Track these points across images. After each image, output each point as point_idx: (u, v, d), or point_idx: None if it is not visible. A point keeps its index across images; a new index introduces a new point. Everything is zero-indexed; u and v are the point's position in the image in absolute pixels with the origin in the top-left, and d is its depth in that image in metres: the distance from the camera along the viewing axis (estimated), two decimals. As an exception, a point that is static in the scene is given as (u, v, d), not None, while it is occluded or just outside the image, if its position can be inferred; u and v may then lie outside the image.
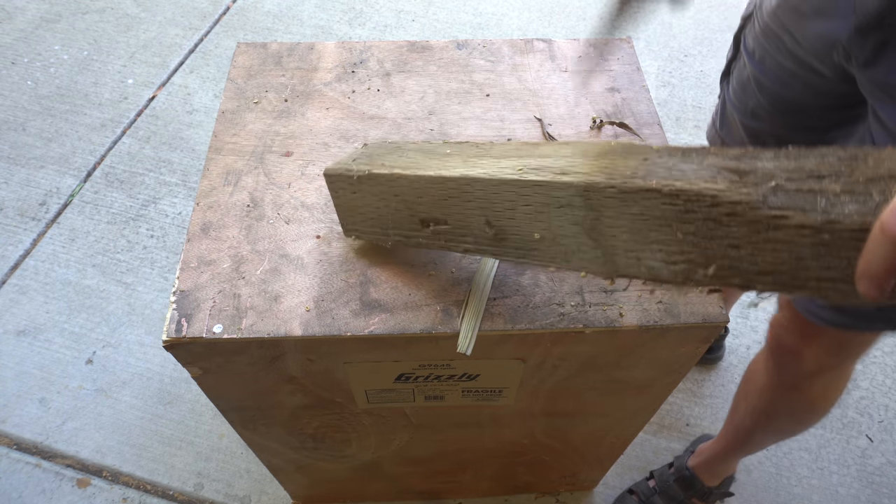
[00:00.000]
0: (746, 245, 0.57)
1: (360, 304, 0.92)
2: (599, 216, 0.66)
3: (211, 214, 1.01)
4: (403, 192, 0.83)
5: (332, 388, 1.07)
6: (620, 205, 0.64)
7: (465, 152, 0.85)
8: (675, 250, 0.62)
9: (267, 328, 0.89)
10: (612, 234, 0.66)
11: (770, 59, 1.16)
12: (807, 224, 0.52)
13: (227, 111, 1.15)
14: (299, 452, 1.35)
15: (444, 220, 0.82)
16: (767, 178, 0.56)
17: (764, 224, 0.55)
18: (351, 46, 1.27)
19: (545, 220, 0.72)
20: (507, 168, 0.74)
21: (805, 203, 0.53)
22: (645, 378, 1.10)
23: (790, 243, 0.54)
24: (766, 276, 0.58)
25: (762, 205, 0.54)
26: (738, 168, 0.58)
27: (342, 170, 0.88)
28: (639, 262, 0.66)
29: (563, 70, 1.24)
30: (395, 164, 0.85)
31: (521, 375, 1.05)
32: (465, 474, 1.62)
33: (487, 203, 0.76)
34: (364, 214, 0.91)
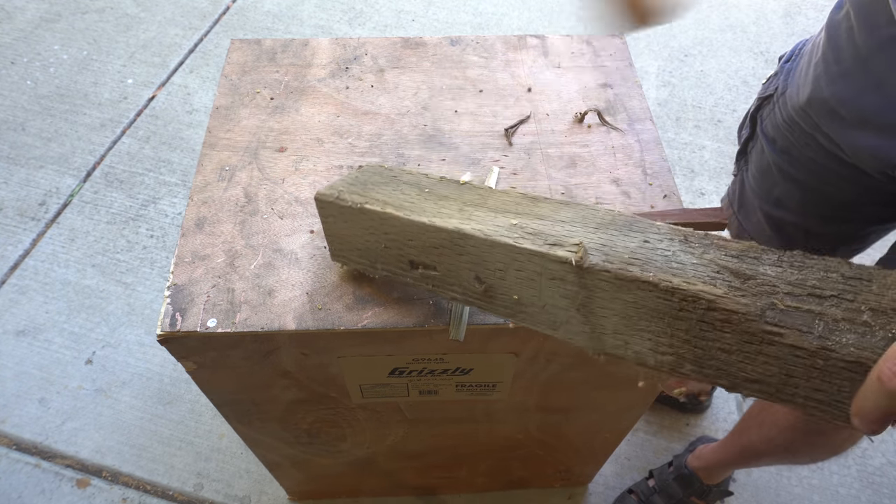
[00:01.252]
0: (738, 352, 0.57)
1: (354, 298, 0.93)
2: (591, 295, 0.66)
3: (205, 210, 1.02)
4: (394, 232, 0.82)
5: (326, 383, 1.08)
6: (614, 290, 0.63)
7: (461, 197, 0.83)
8: (665, 342, 0.62)
9: (261, 322, 0.91)
10: (602, 314, 0.66)
11: (798, 153, 1.10)
12: (802, 346, 0.53)
13: (221, 107, 1.17)
14: (294, 447, 1.36)
15: (433, 267, 0.81)
16: (768, 290, 0.56)
17: (758, 337, 0.55)
18: (345, 43, 1.28)
19: (536, 287, 0.71)
20: (503, 227, 0.73)
21: (803, 324, 0.53)
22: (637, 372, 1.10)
23: (782, 360, 0.54)
24: (753, 383, 0.58)
25: (759, 318, 0.55)
26: (739, 271, 0.58)
27: (334, 197, 0.86)
28: (626, 346, 0.66)
29: (556, 66, 1.25)
30: (388, 199, 0.83)
31: (514, 369, 1.06)
32: (460, 469, 1.63)
33: (479, 260, 0.75)
34: (353, 244, 0.89)
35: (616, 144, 1.13)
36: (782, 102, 1.11)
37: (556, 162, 1.10)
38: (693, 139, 2.78)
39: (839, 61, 0.96)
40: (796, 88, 1.07)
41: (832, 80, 0.97)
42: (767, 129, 1.16)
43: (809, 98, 1.02)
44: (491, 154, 1.11)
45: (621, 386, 1.16)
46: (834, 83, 0.97)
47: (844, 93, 0.95)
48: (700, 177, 2.64)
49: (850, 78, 0.95)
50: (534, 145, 1.12)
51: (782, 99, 1.11)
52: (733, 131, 2.79)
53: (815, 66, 1.01)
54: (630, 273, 0.61)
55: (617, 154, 1.11)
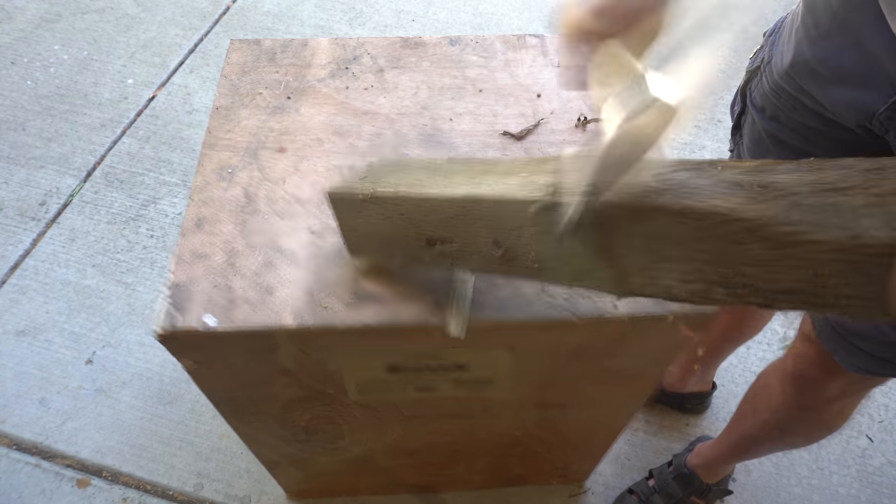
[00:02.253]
0: (765, 263, 0.55)
1: (353, 296, 0.94)
2: (611, 235, 0.65)
3: (205, 209, 1.04)
4: (408, 212, 0.82)
5: (324, 380, 1.09)
6: (631, 224, 0.62)
7: (470, 169, 0.83)
8: (691, 269, 0.61)
9: (260, 320, 0.92)
10: (625, 252, 0.65)
11: (786, 117, 1.13)
12: (827, 240, 0.51)
13: (221, 107, 1.18)
14: (292, 445, 1.38)
15: (450, 240, 0.81)
16: (786, 193, 0.54)
17: (782, 240, 0.53)
18: (344, 43, 1.29)
19: (556, 239, 0.70)
20: (514, 185, 0.72)
21: (825, 218, 0.51)
22: (634, 368, 1.12)
23: (811, 260, 0.53)
24: (786, 294, 0.56)
25: (781, 221, 0.53)
26: (755, 182, 0.57)
27: (346, 191, 0.87)
28: (653, 282, 0.65)
29: (556, 65, 1.26)
30: (399, 182, 0.84)
31: (510, 365, 1.07)
32: (457, 467, 1.64)
33: (495, 223, 0.74)
34: (369, 235, 0.91)
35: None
36: (768, 71, 1.14)
37: (555, 161, 1.11)
38: (693, 139, 2.79)
39: (818, 25, 1.00)
40: (780, 56, 1.10)
41: (813, 43, 1.01)
42: (756, 99, 1.19)
43: (792, 61, 1.05)
44: (491, 153, 1.12)
45: (617, 382, 1.17)
46: (814, 45, 1.01)
47: (825, 53, 0.99)
48: (700, 177, 2.64)
49: (830, 39, 0.98)
50: (533, 144, 1.14)
51: (768, 68, 1.14)
52: (733, 131, 2.80)
53: (796, 32, 1.05)
54: (644, 202, 0.60)
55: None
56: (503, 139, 1.14)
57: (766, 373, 1.46)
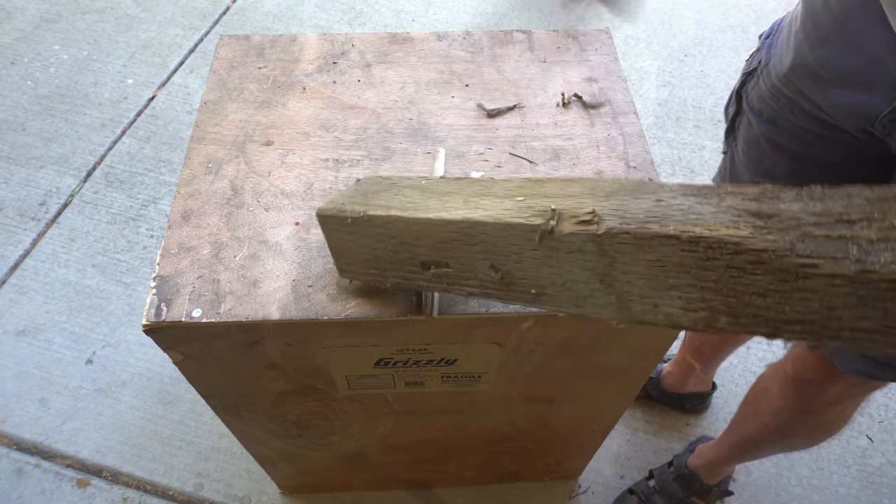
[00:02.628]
0: (773, 293, 0.55)
1: (338, 288, 0.95)
2: (613, 262, 0.64)
3: (192, 202, 1.05)
4: (402, 235, 0.81)
5: (312, 374, 1.10)
6: (635, 251, 0.61)
7: (464, 190, 0.82)
8: (696, 297, 0.60)
9: (245, 312, 0.93)
10: (626, 280, 0.64)
11: (783, 120, 1.12)
12: (839, 274, 0.51)
13: (209, 102, 1.19)
14: (284, 440, 1.38)
15: (445, 263, 0.80)
16: (794, 224, 0.54)
17: (792, 273, 0.53)
18: (332, 38, 1.30)
19: (555, 265, 0.69)
20: (511, 210, 0.71)
21: (836, 251, 0.51)
22: (621, 363, 1.12)
23: (821, 293, 0.52)
24: (794, 325, 0.56)
25: (790, 253, 0.53)
26: (760, 211, 0.56)
27: (335, 211, 0.86)
28: (656, 309, 0.64)
29: (542, 60, 1.27)
30: (391, 204, 0.82)
31: (498, 360, 1.08)
32: (450, 463, 1.64)
33: (492, 247, 0.73)
34: (360, 256, 0.89)
35: (600, 137, 1.15)
36: (766, 74, 1.13)
37: (540, 155, 1.12)
38: (693, 139, 2.79)
39: (818, 28, 0.99)
40: (779, 58, 1.09)
41: (813, 46, 1.00)
42: (753, 101, 1.18)
43: (792, 64, 1.05)
44: (476, 147, 1.12)
45: (606, 377, 1.18)
46: (815, 48, 1.00)
47: (826, 55, 0.98)
48: (700, 177, 2.66)
49: (830, 42, 0.98)
50: (518, 138, 1.14)
51: (766, 70, 1.14)
52: (733, 130, 2.81)
53: (796, 35, 1.04)
54: (649, 230, 0.59)
55: (600, 147, 1.13)
56: (487, 133, 1.15)
57: (766, 376, 1.46)
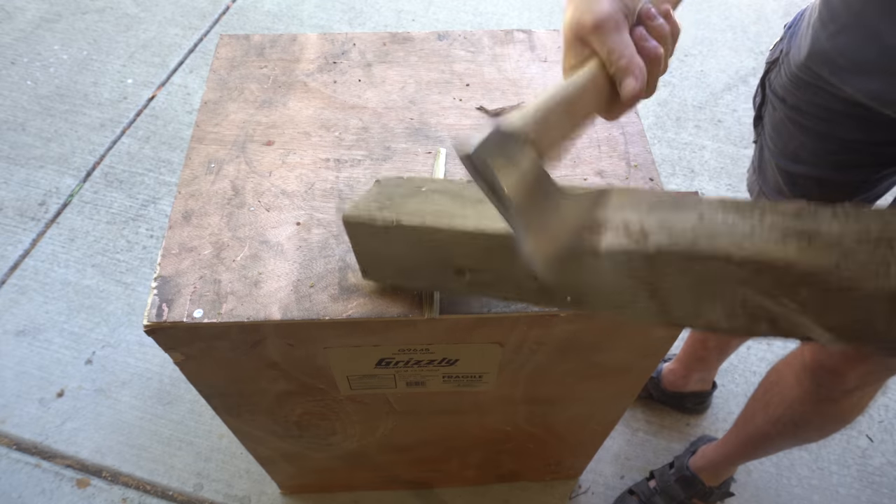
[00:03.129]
0: (814, 304, 0.58)
1: (339, 288, 0.95)
2: (660, 275, 0.65)
3: (193, 202, 1.05)
4: (437, 243, 0.81)
5: (314, 375, 1.10)
6: (684, 266, 0.63)
7: None
8: (738, 307, 0.63)
9: (247, 312, 0.93)
10: (671, 289, 0.66)
11: (807, 104, 1.15)
12: (880, 290, 0.54)
13: (209, 101, 1.19)
14: (285, 441, 1.39)
15: (482, 271, 0.81)
16: (835, 243, 0.57)
17: (835, 288, 0.56)
18: (333, 38, 1.31)
19: (598, 272, 0.69)
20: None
21: (877, 269, 0.55)
22: (623, 362, 1.13)
23: (861, 308, 0.56)
24: (830, 331, 0.59)
25: (835, 272, 0.56)
26: (803, 230, 0.59)
27: (365, 217, 0.84)
28: (697, 315, 0.66)
29: (543, 60, 1.27)
30: (424, 210, 0.82)
31: (499, 360, 1.08)
32: (451, 463, 1.65)
33: None
34: (388, 261, 0.89)
35: (601, 137, 1.15)
36: (787, 62, 1.17)
37: (542, 154, 1.12)
38: (693, 139, 2.80)
39: (834, 19, 1.02)
40: (798, 48, 1.13)
41: (831, 36, 1.03)
42: (776, 89, 1.22)
43: (810, 52, 1.08)
44: (477, 147, 1.12)
45: (607, 376, 1.18)
46: (832, 38, 1.03)
47: (843, 45, 1.01)
48: (700, 177, 2.66)
49: (847, 32, 1.00)
50: (519, 138, 1.14)
51: (787, 59, 1.17)
52: (733, 131, 2.81)
53: (813, 25, 1.08)
54: (700, 249, 0.61)
55: (602, 147, 1.13)
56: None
57: (778, 368, 1.46)
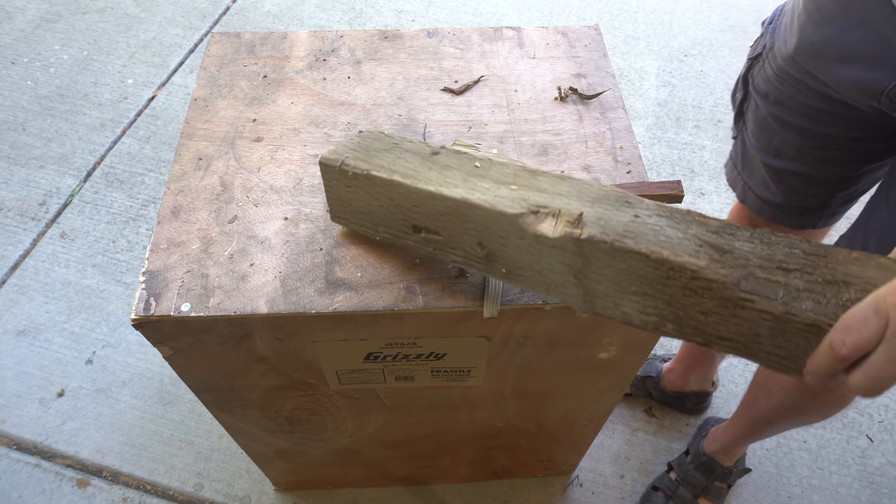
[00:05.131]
0: (714, 314, 0.67)
1: (326, 282, 0.97)
2: (588, 263, 0.74)
3: (181, 198, 1.07)
4: (399, 199, 0.88)
5: (303, 369, 1.12)
6: (609, 258, 0.71)
7: (463, 167, 0.89)
8: (650, 304, 0.71)
9: (234, 306, 0.95)
10: (596, 279, 0.74)
11: (790, 101, 1.18)
12: (769, 311, 0.63)
13: (199, 98, 1.22)
14: (277, 436, 1.40)
15: (436, 231, 0.88)
16: (743, 263, 0.66)
17: (733, 302, 0.65)
18: (323, 35, 1.33)
19: (536, 253, 0.78)
20: (506, 198, 0.80)
21: (770, 292, 0.63)
22: (609, 357, 1.14)
23: (751, 322, 0.65)
24: (724, 340, 0.68)
25: (735, 287, 0.64)
26: (718, 245, 0.68)
27: (339, 163, 0.92)
28: (615, 307, 0.75)
29: (531, 57, 1.29)
30: (393, 167, 0.89)
31: (487, 354, 1.10)
32: (443, 459, 1.66)
33: (483, 227, 0.82)
34: (355, 208, 0.96)
35: (588, 133, 1.17)
36: (771, 57, 1.19)
37: (529, 150, 1.14)
38: (693, 139, 2.81)
39: (820, 8, 1.05)
40: (783, 41, 1.15)
41: (817, 26, 1.06)
42: (759, 85, 1.24)
43: (797, 45, 1.10)
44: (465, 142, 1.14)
45: (595, 371, 1.19)
46: (819, 28, 1.05)
47: (830, 34, 1.04)
48: (700, 177, 2.67)
49: (833, 21, 1.03)
50: (507, 134, 1.16)
51: (771, 54, 1.20)
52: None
53: (799, 18, 1.10)
54: (625, 245, 0.69)
55: (588, 142, 1.15)
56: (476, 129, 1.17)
57: None
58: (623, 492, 1.91)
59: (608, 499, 1.89)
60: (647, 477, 1.94)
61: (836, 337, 0.58)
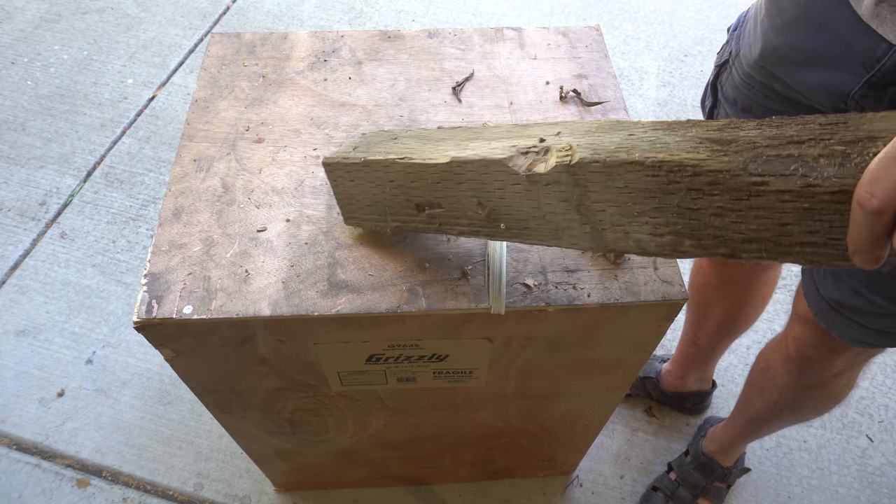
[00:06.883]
0: (730, 213, 0.59)
1: (328, 284, 0.97)
2: (586, 192, 0.69)
3: (183, 200, 1.07)
4: (398, 178, 0.87)
5: (304, 371, 1.12)
6: (605, 179, 0.67)
7: (457, 136, 0.88)
8: (661, 222, 0.65)
9: (236, 308, 0.95)
10: (599, 208, 0.70)
11: (758, 107, 1.17)
12: (786, 189, 0.55)
13: (200, 99, 1.22)
14: (278, 437, 1.41)
15: (437, 204, 0.86)
16: (749, 146, 0.58)
17: (745, 191, 0.57)
18: (324, 36, 1.33)
19: (534, 197, 0.75)
20: (497, 148, 0.77)
21: (784, 168, 0.55)
22: (612, 357, 1.14)
23: (772, 209, 0.56)
24: (751, 243, 0.60)
25: (743, 172, 0.57)
26: (720, 138, 0.61)
27: (339, 158, 0.92)
28: (627, 236, 0.69)
29: (533, 57, 1.29)
30: (389, 151, 0.89)
31: (489, 355, 1.10)
32: (444, 459, 1.66)
33: (479, 184, 0.79)
34: (362, 201, 0.95)
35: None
36: (738, 63, 1.18)
37: (531, 151, 1.14)
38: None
39: (782, 13, 1.04)
40: (748, 47, 1.14)
41: (779, 32, 1.05)
42: (728, 92, 1.23)
43: (762, 51, 1.09)
44: (466, 144, 1.14)
45: (597, 372, 1.20)
46: (781, 34, 1.05)
47: (793, 39, 1.03)
48: (700, 176, 2.66)
49: (795, 26, 1.02)
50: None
51: (737, 60, 1.19)
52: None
53: (762, 23, 1.09)
54: (618, 158, 0.64)
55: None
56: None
57: (766, 355, 1.49)
58: (623, 492, 1.92)
59: (608, 499, 1.90)
60: (647, 477, 1.94)
61: (863, 191, 0.48)
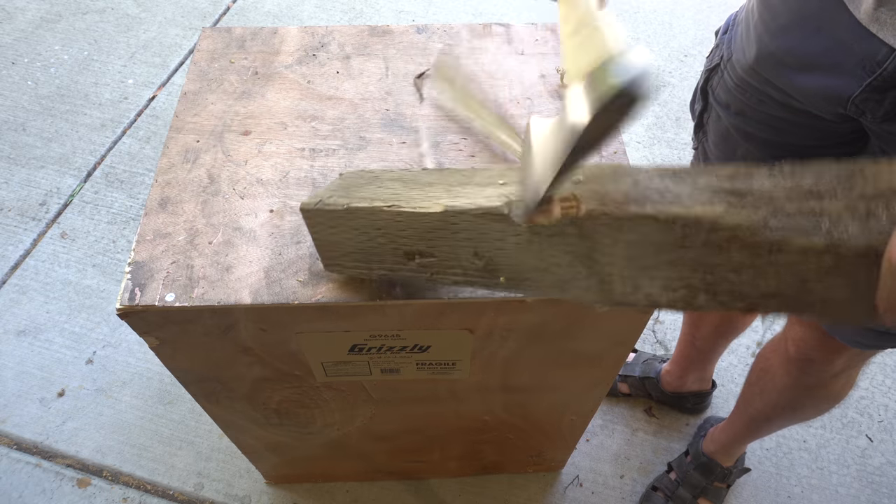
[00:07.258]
0: (748, 269, 0.58)
1: (309, 274, 0.99)
2: (593, 244, 0.66)
3: (169, 190, 1.09)
4: (386, 227, 0.82)
5: (288, 361, 1.14)
6: (615, 233, 0.64)
7: (446, 180, 0.84)
8: (674, 276, 0.63)
9: (218, 297, 0.97)
10: (607, 261, 0.67)
11: (752, 111, 1.16)
12: (810, 247, 0.53)
13: (189, 92, 1.23)
14: (265, 429, 1.42)
15: (430, 253, 0.83)
16: (766, 200, 0.56)
17: (766, 248, 0.56)
18: (313, 31, 1.34)
19: (537, 249, 0.72)
20: (493, 197, 0.74)
21: (807, 225, 0.54)
22: (594, 349, 1.16)
23: (795, 266, 0.55)
24: (770, 299, 0.59)
25: (764, 228, 0.55)
26: (734, 189, 0.59)
27: (319, 204, 0.87)
28: (636, 290, 0.67)
29: (520, 53, 1.30)
30: (374, 196, 0.84)
31: (471, 346, 1.11)
32: (432, 453, 1.68)
33: (475, 234, 0.76)
34: (345, 249, 0.91)
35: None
36: (730, 68, 1.17)
37: (514, 144, 1.15)
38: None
39: (776, 17, 1.03)
40: (742, 52, 1.13)
41: (774, 36, 1.04)
42: (720, 96, 1.22)
43: (757, 56, 1.08)
44: (451, 137, 1.16)
45: (580, 364, 1.21)
46: (776, 38, 1.04)
47: (789, 43, 1.02)
48: (700, 176, 2.67)
49: (790, 30, 1.01)
50: (493, 128, 1.17)
51: (729, 65, 1.17)
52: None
53: (755, 27, 1.08)
54: (628, 211, 0.61)
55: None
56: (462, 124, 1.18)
57: (765, 356, 1.50)
58: (623, 492, 1.93)
59: (608, 499, 1.90)
60: (646, 477, 1.95)
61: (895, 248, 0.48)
